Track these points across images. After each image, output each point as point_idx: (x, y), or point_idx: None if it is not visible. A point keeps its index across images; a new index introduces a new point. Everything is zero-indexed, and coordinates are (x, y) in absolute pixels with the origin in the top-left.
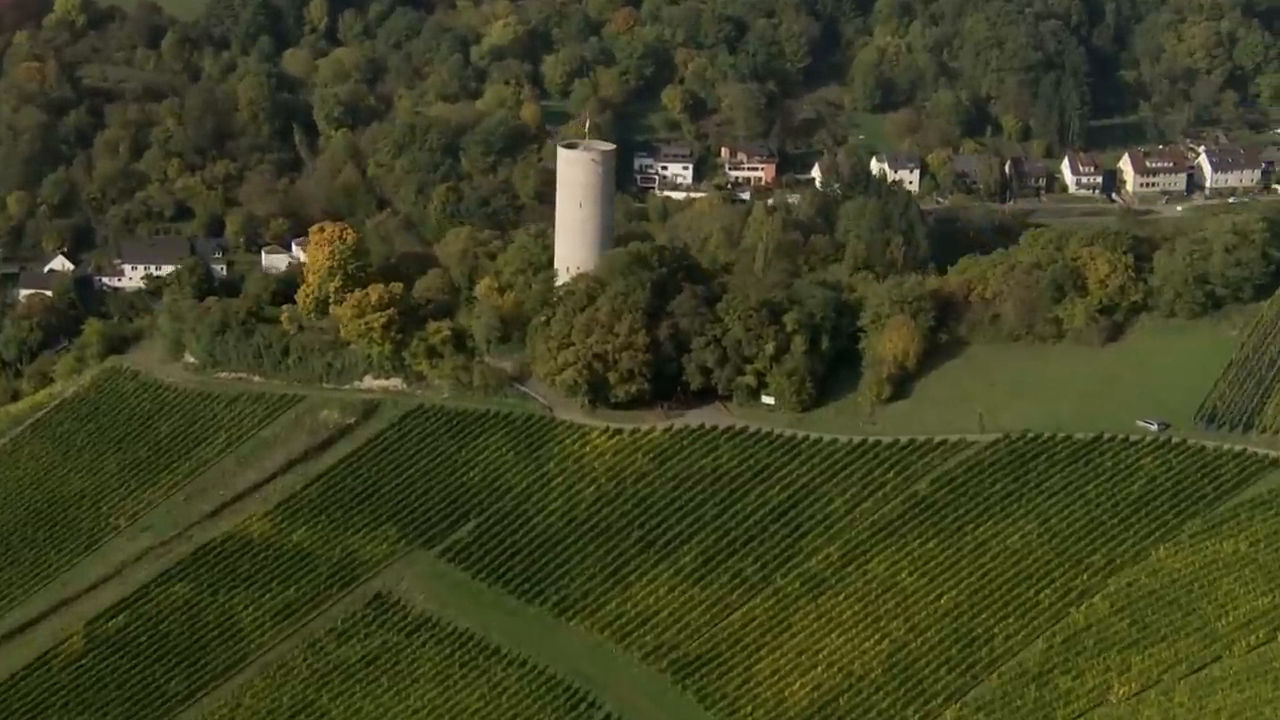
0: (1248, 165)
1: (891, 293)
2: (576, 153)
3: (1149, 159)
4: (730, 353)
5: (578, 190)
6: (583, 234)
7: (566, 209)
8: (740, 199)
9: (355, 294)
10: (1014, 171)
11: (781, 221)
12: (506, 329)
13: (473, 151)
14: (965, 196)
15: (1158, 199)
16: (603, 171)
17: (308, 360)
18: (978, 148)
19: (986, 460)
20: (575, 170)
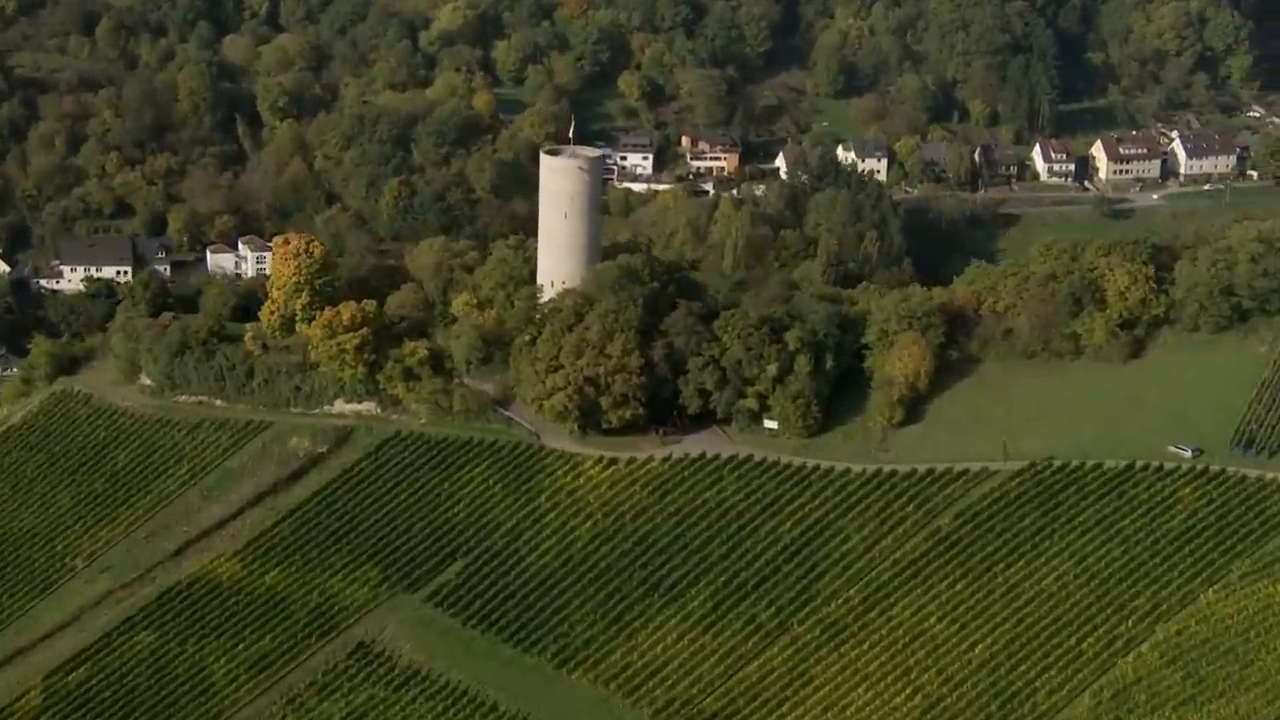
0: (1222, 150)
1: (899, 307)
2: (561, 160)
3: (1122, 145)
4: (730, 374)
5: (563, 200)
6: (568, 246)
7: (551, 220)
8: (703, 190)
9: (325, 313)
10: (984, 159)
11: (750, 216)
12: (488, 349)
13: (425, 143)
14: (935, 186)
15: (1131, 186)
16: (589, 180)
17: (274, 383)
18: (946, 135)
19: (1012, 492)
20: (560, 179)
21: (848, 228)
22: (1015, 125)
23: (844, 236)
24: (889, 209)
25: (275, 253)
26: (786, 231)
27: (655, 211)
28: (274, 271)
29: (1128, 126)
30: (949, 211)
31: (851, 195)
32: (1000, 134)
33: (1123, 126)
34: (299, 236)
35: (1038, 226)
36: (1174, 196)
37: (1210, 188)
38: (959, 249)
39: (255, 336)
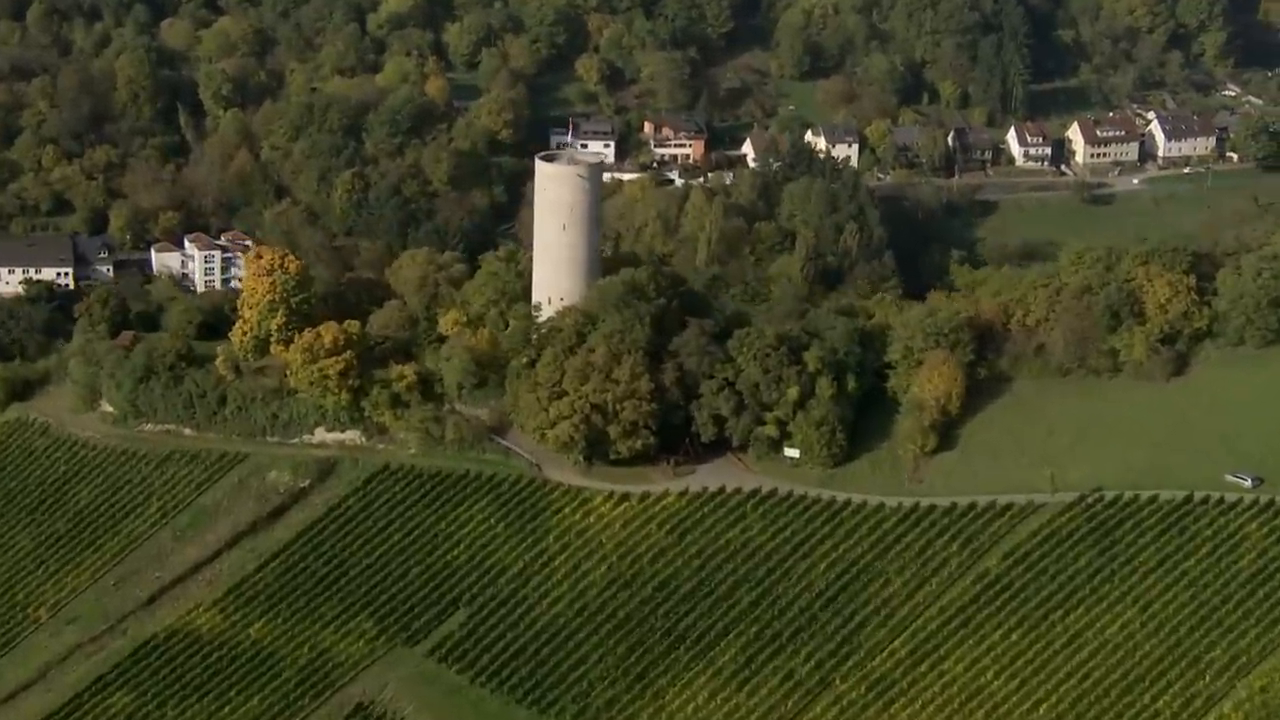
0: (1201, 132)
1: (924, 323)
2: (559, 167)
3: (1099, 127)
4: (747, 398)
5: (560, 210)
6: (567, 260)
7: (547, 231)
8: (668, 179)
9: (305, 335)
10: (958, 144)
11: (722, 208)
12: (481, 372)
13: (377, 133)
14: (908, 172)
15: (1110, 170)
16: (589, 188)
17: (249, 411)
18: (918, 118)
19: (1063, 529)
20: (558, 188)
21: (824, 219)
22: (987, 107)
23: (821, 228)
24: (867, 199)
25: (247, 268)
26: (761, 224)
27: (622, 204)
28: (246, 289)
29: (1102, 107)
30: (926, 199)
31: (826, 184)
32: (972, 116)
33: (1096, 107)
34: (271, 250)
35: (1016, 214)
36: (1154, 180)
37: (1190, 171)
38: (937, 239)
39: (227, 360)
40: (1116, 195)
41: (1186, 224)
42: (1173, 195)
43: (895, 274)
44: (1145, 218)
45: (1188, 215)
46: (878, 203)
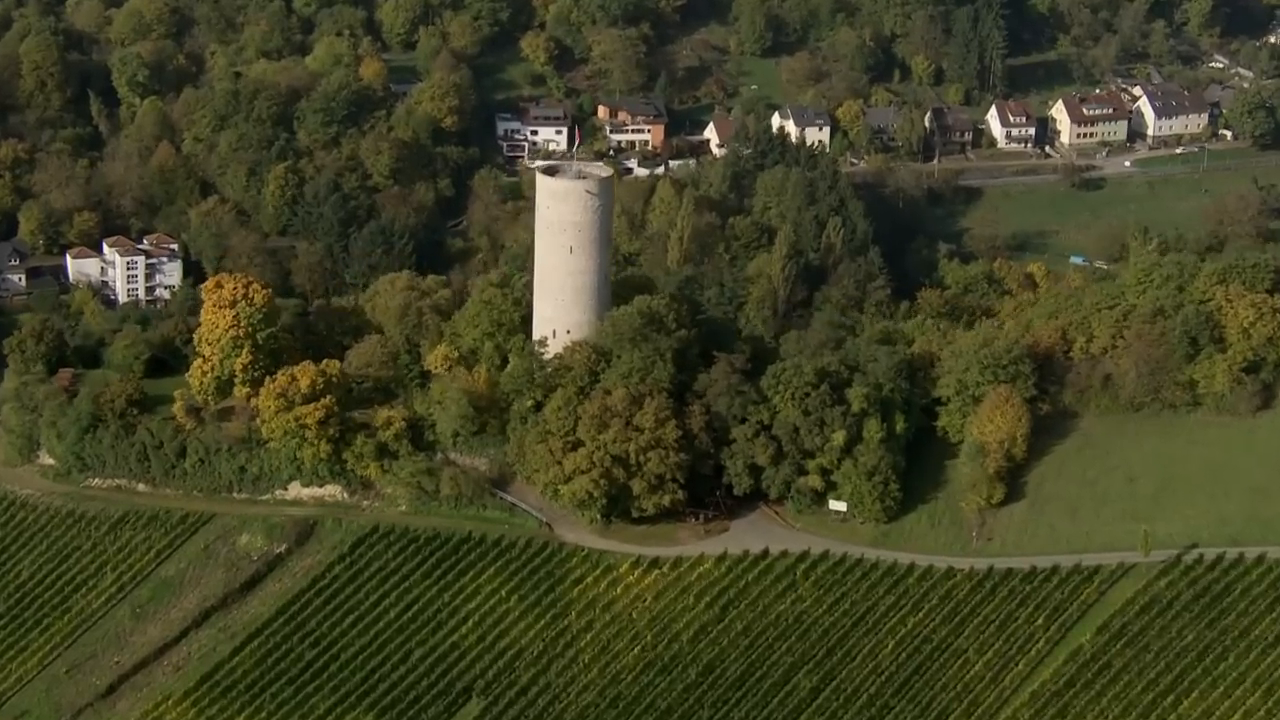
0: (1192, 109)
1: (981, 355)
2: (564, 182)
3: (1085, 105)
4: (786, 445)
5: (567, 231)
6: (574, 289)
7: (551, 255)
8: (627, 168)
9: (278, 379)
10: (936, 125)
11: (693, 201)
12: (480, 417)
13: (310, 121)
14: (884, 156)
15: (1097, 151)
16: (600, 206)
17: (212, 464)
18: (891, 97)
19: (1162, 597)
20: (563, 206)
21: (803, 212)
22: (963, 84)
23: (800, 223)
24: (847, 189)
25: (206, 299)
26: (736, 219)
27: None
28: (205, 323)
29: (1083, 82)
30: (907, 186)
31: (802, 173)
32: (947, 94)
33: (1078, 82)
34: (232, 278)
35: (1002, 201)
36: (1145, 162)
37: (1183, 151)
38: (921, 230)
39: (185, 404)
40: (1107, 179)
41: (1184, 210)
42: (1167, 178)
43: (883, 271)
44: (1140, 204)
45: (1185, 200)
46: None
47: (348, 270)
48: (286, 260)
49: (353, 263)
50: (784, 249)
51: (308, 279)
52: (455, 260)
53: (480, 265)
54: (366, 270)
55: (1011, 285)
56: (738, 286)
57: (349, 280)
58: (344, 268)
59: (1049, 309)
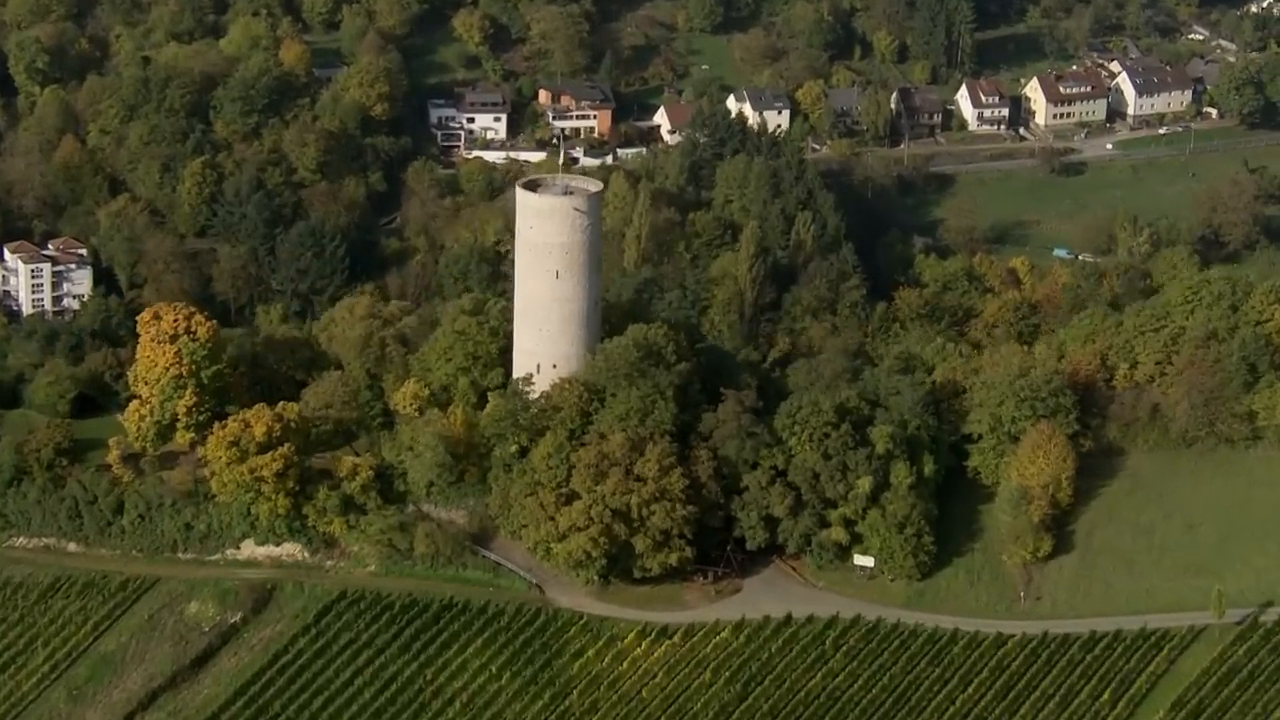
0: (1175, 85)
1: (1017, 387)
2: (549, 199)
3: (1062, 83)
4: (805, 493)
5: (552, 253)
6: (562, 318)
7: (534, 280)
8: (573, 157)
9: (229, 425)
10: (903, 106)
11: (650, 195)
12: (458, 464)
13: (228, 111)
14: (848, 141)
15: (1075, 132)
16: (589, 225)
17: (154, 521)
18: (854, 77)
19: (1240, 666)
20: (547, 225)
21: (769, 205)
22: (930, 61)
23: (766, 217)
24: (816, 180)
25: (143, 333)
26: (697, 214)
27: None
28: (142, 361)
29: (1057, 57)
30: (876, 175)
31: (765, 162)
32: (913, 72)
33: (1052, 57)
34: (172, 308)
35: (977, 189)
36: (1127, 144)
37: (1167, 131)
38: (892, 222)
39: (121, 452)
40: (1087, 163)
41: (1172, 196)
42: (1151, 161)
43: (857, 270)
44: (1124, 190)
45: (1171, 185)
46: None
47: (274, 276)
48: (207, 265)
49: (280, 267)
50: (750, 247)
51: (231, 286)
52: (392, 263)
53: (419, 267)
54: (295, 276)
55: (993, 282)
56: (701, 289)
57: (276, 287)
58: (270, 273)
59: (1084, 330)
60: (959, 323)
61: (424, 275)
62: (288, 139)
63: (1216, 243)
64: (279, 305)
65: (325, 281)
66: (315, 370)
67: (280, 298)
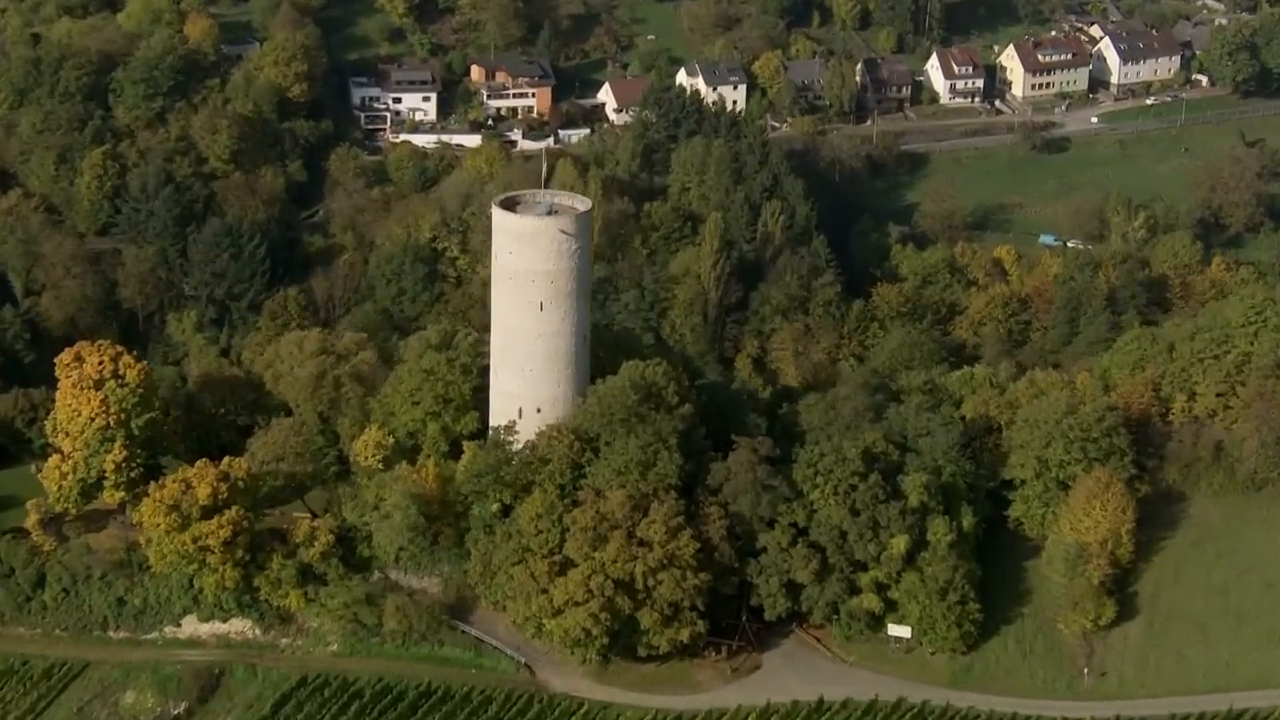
0: (1162, 51)
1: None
2: (532, 220)
3: (1040, 50)
4: (831, 554)
5: (536, 282)
6: (547, 355)
7: (515, 312)
8: (509, 140)
9: (168, 484)
10: (868, 79)
11: (601, 183)
12: (431, 525)
13: (130, 95)
14: (811, 119)
15: (1055, 105)
16: (578, 249)
17: (81, 595)
18: (815, 47)
19: None
20: (529, 250)
21: (731, 194)
22: (896, 28)
23: (729, 207)
24: (782, 164)
25: (62, 379)
26: (653, 205)
27: (464, 182)
28: (63, 408)
29: (1032, 21)
30: (843, 155)
31: (724, 145)
32: (877, 40)
33: (1026, 21)
34: (96, 348)
35: (953, 169)
36: (1112, 116)
37: (1155, 101)
38: (863, 208)
39: (41, 515)
40: (1071, 138)
41: (1164, 174)
42: (1140, 135)
43: (831, 264)
44: (1112, 168)
45: (1163, 161)
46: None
47: (187, 280)
48: (111, 269)
49: (193, 270)
50: (713, 241)
51: (139, 292)
52: (316, 262)
53: (347, 268)
54: (211, 280)
55: (977, 274)
56: (660, 288)
57: (189, 292)
58: (182, 277)
59: (1131, 356)
60: (943, 321)
61: (353, 276)
62: (197, 125)
63: (1217, 225)
64: (192, 313)
65: (244, 286)
66: (259, 413)
67: (194, 304)
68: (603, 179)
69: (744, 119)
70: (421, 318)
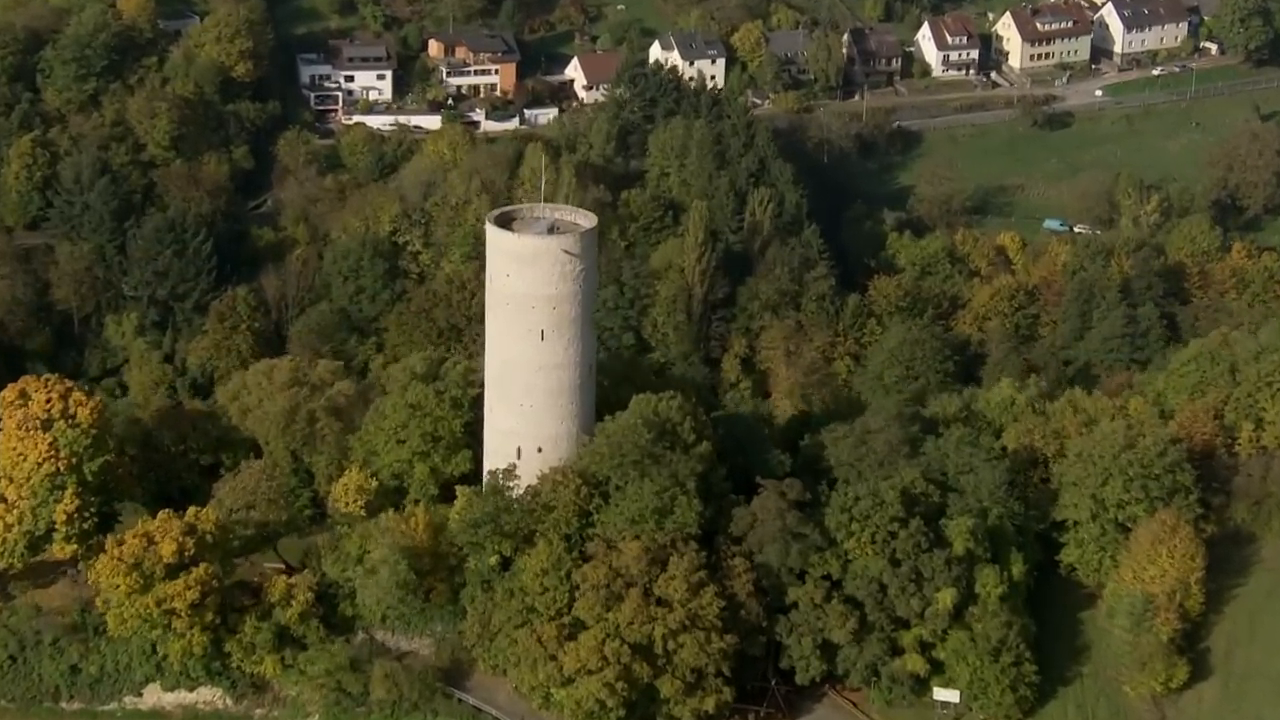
0: (1168, 17)
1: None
2: (532, 239)
3: (1038, 18)
4: (870, 610)
5: (536, 308)
6: (549, 390)
7: (513, 344)
8: (471, 120)
9: (128, 540)
10: (856, 51)
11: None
12: (422, 581)
13: (60, 76)
14: (795, 95)
15: (1055, 76)
16: (582, 271)
17: (30, 663)
18: (797, 17)
19: None
20: (529, 272)
21: (715, 180)
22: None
23: (713, 194)
24: (769, 147)
25: (5, 419)
26: (631, 193)
27: (426, 169)
28: (6, 453)
29: None
30: (833, 135)
31: (707, 126)
32: (863, 9)
33: None
34: (43, 384)
35: (949, 148)
36: (1117, 89)
37: (1162, 72)
38: (855, 193)
39: None
40: (1074, 113)
41: (1175, 151)
42: (1147, 109)
43: (824, 256)
44: (1119, 145)
45: (1173, 137)
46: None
47: (127, 279)
48: (44, 267)
49: (133, 269)
50: (697, 232)
51: (74, 292)
52: (266, 258)
53: (300, 264)
54: (153, 279)
55: (979, 263)
56: (640, 284)
57: (129, 293)
58: (121, 276)
59: (1190, 379)
60: (944, 315)
61: (306, 273)
62: (133, 108)
63: (1234, 207)
64: (133, 315)
65: (189, 285)
66: (225, 452)
67: (135, 306)
68: (576, 164)
69: (726, 97)
70: (382, 317)
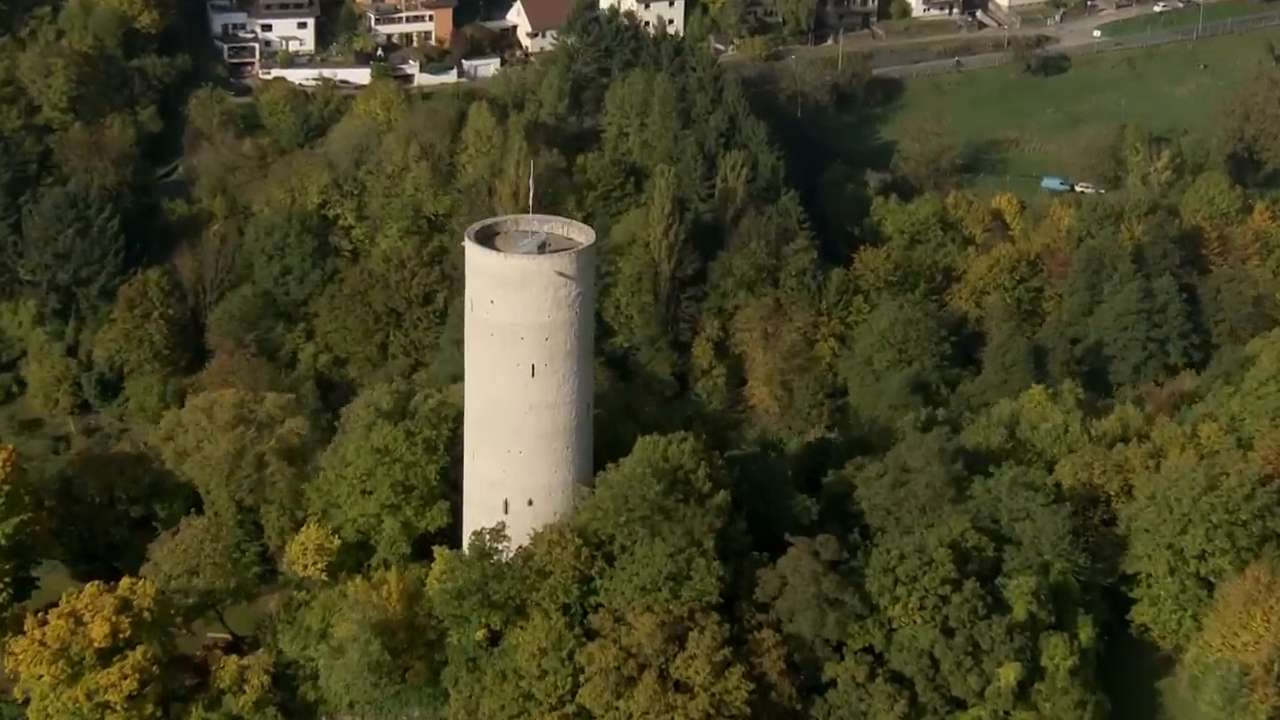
0: None
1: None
2: (520, 259)
3: None
4: (922, 690)
5: (525, 339)
6: (540, 434)
7: (498, 380)
8: (404, 74)
9: (52, 622)
10: None
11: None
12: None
13: None
14: (762, 40)
15: (1048, 16)
16: (578, 294)
17: None
18: None
19: None
20: (516, 298)
21: (681, 140)
22: None
23: (679, 157)
24: (740, 103)
25: None
26: (588, 157)
27: (357, 132)
28: None
29: None
30: (807, 86)
31: (669, 79)
32: None
33: None
34: None
35: (933, 97)
36: (1117, 27)
37: (1164, 7)
38: (833, 151)
39: None
40: (1070, 56)
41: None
42: (1151, 51)
43: (804, 225)
44: (1122, 91)
45: (1180, 83)
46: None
47: (23, 263)
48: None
49: (30, 250)
50: (663, 201)
51: None
52: (179, 234)
53: (218, 241)
54: (53, 261)
55: (974, 230)
56: (601, 260)
57: (26, 278)
58: (17, 258)
59: (1270, 402)
60: (938, 290)
61: (226, 252)
62: (25, 65)
63: (1251, 162)
64: (30, 302)
65: (94, 268)
66: (159, 503)
67: (33, 292)
68: (525, 125)
69: (689, 45)
70: (311, 301)
